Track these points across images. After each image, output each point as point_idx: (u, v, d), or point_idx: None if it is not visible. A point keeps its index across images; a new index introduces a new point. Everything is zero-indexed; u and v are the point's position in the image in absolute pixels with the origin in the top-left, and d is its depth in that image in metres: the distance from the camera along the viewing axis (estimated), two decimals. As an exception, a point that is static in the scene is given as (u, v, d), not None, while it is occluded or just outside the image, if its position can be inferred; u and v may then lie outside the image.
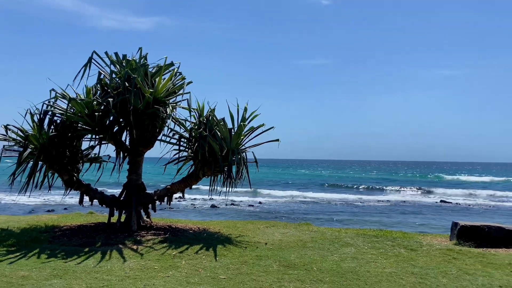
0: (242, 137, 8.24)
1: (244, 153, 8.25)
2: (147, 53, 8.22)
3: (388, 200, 29.81)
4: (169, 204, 8.73)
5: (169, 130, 8.33)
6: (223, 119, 8.13)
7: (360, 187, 42.85)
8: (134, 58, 8.06)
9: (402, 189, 40.86)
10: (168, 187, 8.47)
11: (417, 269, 5.75)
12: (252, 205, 25.39)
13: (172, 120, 8.29)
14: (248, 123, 8.19)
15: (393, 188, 41.35)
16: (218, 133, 7.98)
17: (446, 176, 69.29)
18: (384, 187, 42.35)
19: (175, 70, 8.28)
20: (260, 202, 26.87)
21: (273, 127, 8.35)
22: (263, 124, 8.28)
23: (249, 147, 8.44)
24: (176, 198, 24.29)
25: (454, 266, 5.92)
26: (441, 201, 30.87)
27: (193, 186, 8.71)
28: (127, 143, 8.46)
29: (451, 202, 29.47)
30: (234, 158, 7.94)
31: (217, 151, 7.89)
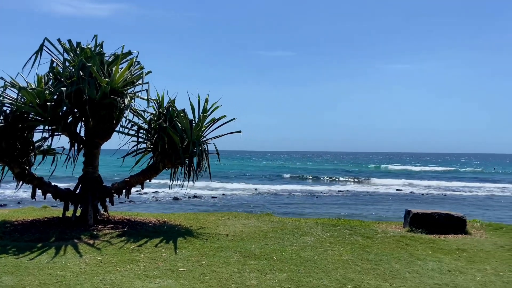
0: (203, 129, 8.16)
1: (205, 145, 8.18)
2: (102, 41, 7.94)
3: (347, 190, 30.67)
4: (128, 197, 8.53)
5: (127, 121, 8.11)
6: (183, 110, 8.00)
7: (321, 178, 43.79)
8: (89, 46, 7.75)
9: (361, 179, 42.17)
10: (126, 179, 8.27)
11: (372, 255, 5.97)
12: (215, 197, 25.33)
13: (130, 111, 8.07)
14: (209, 114, 8.13)
15: (351, 179, 42.57)
16: (179, 125, 7.86)
17: (402, 166, 72.24)
18: (344, 178, 43.52)
19: (133, 60, 8.04)
20: (223, 194, 26.85)
21: (234, 118, 8.33)
22: (224, 116, 8.25)
23: (210, 138, 8.38)
24: (137, 191, 23.79)
25: (406, 252, 6.20)
26: (397, 190, 32.22)
27: (154, 179, 8.55)
28: (83, 134, 8.16)
29: (406, 192, 30.80)
30: (195, 150, 7.86)
31: (177, 142, 7.78)
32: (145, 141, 8.29)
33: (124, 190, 8.27)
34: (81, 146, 8.16)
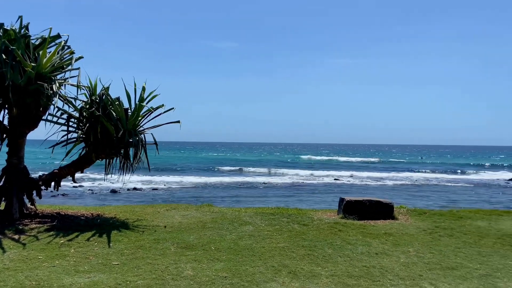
0: (140, 118, 7.90)
1: (142, 135, 7.94)
2: (28, 23, 7.36)
3: (289, 182, 31.43)
4: (57, 190, 8.07)
5: (56, 109, 7.62)
6: (118, 99, 7.68)
7: (264, 169, 44.46)
8: (13, 28, 7.16)
9: (300, 170, 43.42)
10: (55, 171, 7.80)
11: (307, 242, 6.18)
12: (156, 189, 24.78)
13: (59, 98, 7.58)
14: (146, 103, 7.87)
15: (293, 171, 43.66)
16: (113, 113, 7.53)
17: (338, 157, 75.44)
18: (286, 170, 44.52)
19: (63, 43, 7.55)
20: (164, 186, 26.33)
21: (173, 108, 8.14)
22: (162, 105, 8.03)
23: (147, 128, 8.13)
24: (71, 184, 22.57)
25: (339, 238, 6.49)
26: (335, 179, 33.63)
27: (91, 171, 8.15)
28: (6, 122, 7.56)
29: (343, 181, 32.25)
30: (131, 140, 7.59)
31: (112, 132, 7.46)
32: (76, 131, 7.86)
33: (53, 183, 7.81)
34: (4, 135, 7.56)
